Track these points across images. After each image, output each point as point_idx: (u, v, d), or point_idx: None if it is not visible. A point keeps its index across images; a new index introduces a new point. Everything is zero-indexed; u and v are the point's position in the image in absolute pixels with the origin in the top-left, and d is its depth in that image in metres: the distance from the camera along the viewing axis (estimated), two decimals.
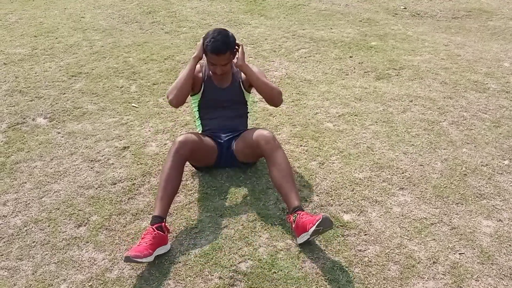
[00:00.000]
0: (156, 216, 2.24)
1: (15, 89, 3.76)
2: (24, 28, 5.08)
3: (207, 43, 2.48)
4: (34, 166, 2.85)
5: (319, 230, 2.13)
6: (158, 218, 2.23)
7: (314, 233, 2.13)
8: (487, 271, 2.14)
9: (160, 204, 2.27)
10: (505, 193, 2.63)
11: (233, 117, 2.72)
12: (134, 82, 3.85)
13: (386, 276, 2.10)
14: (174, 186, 2.35)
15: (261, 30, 4.98)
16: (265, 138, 2.43)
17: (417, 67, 4.16)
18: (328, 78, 3.95)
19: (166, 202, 2.29)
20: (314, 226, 2.09)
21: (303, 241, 2.19)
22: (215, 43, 2.46)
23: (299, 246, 2.24)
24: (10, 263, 2.19)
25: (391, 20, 5.42)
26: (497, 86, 3.85)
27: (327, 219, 2.10)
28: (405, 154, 2.95)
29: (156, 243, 2.14)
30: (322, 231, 2.16)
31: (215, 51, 2.47)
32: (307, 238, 2.17)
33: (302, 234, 2.17)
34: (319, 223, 2.08)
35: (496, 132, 3.21)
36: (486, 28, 5.22)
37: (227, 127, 2.70)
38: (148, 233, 2.17)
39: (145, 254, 2.06)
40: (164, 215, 2.26)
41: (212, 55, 2.50)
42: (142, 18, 5.38)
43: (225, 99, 2.69)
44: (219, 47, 2.47)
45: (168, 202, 2.31)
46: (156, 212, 2.26)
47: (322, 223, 2.09)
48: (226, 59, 2.52)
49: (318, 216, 2.11)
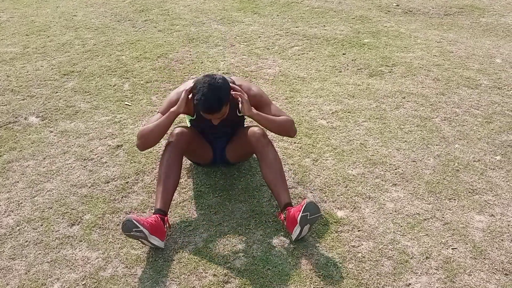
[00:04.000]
0: (158, 209, 2.24)
1: (7, 88, 3.73)
2: (15, 27, 5.04)
3: (197, 101, 2.21)
4: (27, 165, 2.83)
5: (307, 217, 2.12)
6: (161, 211, 2.23)
7: (303, 221, 2.13)
8: (480, 265, 2.16)
9: (161, 198, 2.26)
10: (497, 188, 2.65)
11: (228, 132, 2.61)
12: (127, 81, 3.84)
13: (380, 271, 2.12)
14: (174, 180, 2.34)
15: (254, 28, 4.98)
16: (255, 135, 2.40)
17: (410, 64, 4.17)
18: (321, 75, 3.96)
19: (167, 196, 2.29)
20: (301, 213, 2.11)
21: (296, 235, 2.19)
22: (206, 102, 2.18)
23: (293, 243, 2.24)
24: (3, 262, 2.18)
25: (383, 17, 5.43)
26: (489, 82, 3.87)
27: (311, 204, 2.13)
28: (398, 151, 2.96)
29: (154, 230, 2.13)
30: (311, 219, 2.14)
31: (208, 111, 2.23)
32: (299, 231, 2.17)
33: (294, 228, 2.18)
34: (304, 208, 2.11)
35: (488, 128, 3.23)
36: (478, 24, 5.25)
37: (220, 136, 2.62)
38: (151, 217, 2.17)
39: (145, 226, 2.07)
40: (166, 209, 2.26)
41: (204, 114, 2.26)
42: (134, 16, 5.36)
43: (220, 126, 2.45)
44: (211, 107, 2.20)
45: (170, 195, 2.30)
46: (158, 205, 2.25)
47: (307, 207, 2.11)
48: (221, 114, 2.27)
49: (303, 202, 2.14)
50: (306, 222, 2.15)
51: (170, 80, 3.83)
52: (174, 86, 3.70)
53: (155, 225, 2.15)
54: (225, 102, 2.24)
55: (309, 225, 2.19)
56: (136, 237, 2.11)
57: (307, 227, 2.19)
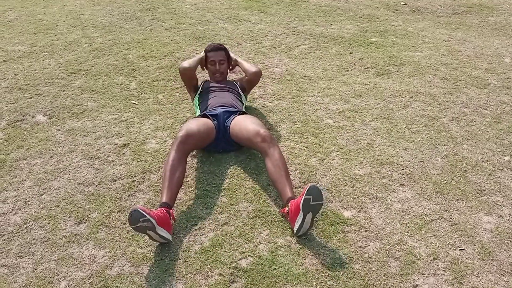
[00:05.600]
0: (164, 203, 2.26)
1: (15, 86, 3.75)
2: (23, 25, 5.06)
3: (207, 48, 3.23)
4: (34, 164, 2.84)
5: (310, 201, 2.10)
6: (166, 205, 2.25)
7: (305, 206, 2.11)
8: (488, 267, 2.14)
9: (166, 192, 2.30)
10: (506, 189, 2.62)
11: (229, 97, 3.02)
12: (133, 79, 3.85)
13: (387, 272, 2.10)
14: (179, 177, 2.39)
15: (261, 27, 4.97)
16: (261, 136, 2.51)
17: (418, 63, 4.14)
18: (328, 74, 3.94)
19: (172, 190, 2.32)
20: (304, 196, 2.10)
21: (298, 225, 2.16)
22: (213, 43, 3.27)
23: (299, 243, 2.23)
24: (10, 260, 2.19)
25: (391, 16, 5.40)
26: (498, 82, 3.83)
27: (314, 187, 2.11)
28: (405, 150, 2.94)
29: (162, 222, 2.14)
30: (314, 206, 2.12)
31: (214, 49, 3.20)
32: (302, 220, 2.14)
33: (297, 217, 2.16)
34: (307, 192, 2.10)
35: (497, 128, 3.20)
36: (487, 23, 5.20)
37: (223, 102, 2.94)
38: (158, 210, 2.19)
39: (152, 216, 2.08)
40: (172, 203, 2.29)
41: (211, 52, 3.19)
42: (141, 14, 5.37)
43: (222, 85, 3.12)
44: (216, 45, 3.24)
45: (175, 191, 2.33)
46: (163, 199, 2.28)
47: (310, 191, 2.10)
48: (222, 56, 3.19)
49: (306, 186, 2.14)
50: (309, 208, 2.12)
51: (176, 79, 3.83)
52: (181, 85, 3.71)
53: (162, 217, 2.16)
54: (226, 50, 3.23)
55: (311, 215, 2.15)
56: (143, 229, 2.09)
57: (310, 216, 2.15)
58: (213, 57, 3.17)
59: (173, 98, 3.56)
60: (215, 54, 3.17)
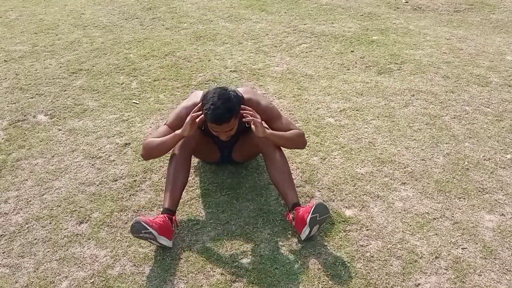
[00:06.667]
0: (166, 209, 2.24)
1: (16, 86, 3.75)
2: (24, 25, 5.07)
3: (206, 110, 2.10)
4: (35, 163, 2.84)
5: (316, 218, 2.12)
6: (169, 211, 2.24)
7: (312, 222, 2.13)
8: (490, 265, 2.13)
9: (169, 197, 2.27)
10: (508, 187, 2.61)
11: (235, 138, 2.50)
12: (135, 79, 3.84)
13: (388, 271, 2.10)
14: (183, 180, 2.34)
15: (262, 25, 4.96)
16: (260, 141, 2.36)
17: (419, 61, 4.13)
18: (329, 73, 3.93)
19: (175, 195, 2.29)
20: (310, 215, 2.11)
21: (305, 236, 2.18)
22: (215, 111, 2.08)
23: (301, 242, 2.23)
24: (12, 260, 2.19)
25: (392, 14, 5.39)
26: (500, 79, 3.82)
27: (321, 205, 2.13)
28: (407, 149, 2.94)
29: (163, 231, 2.14)
30: (320, 220, 2.15)
31: (217, 122, 2.12)
32: (308, 231, 2.16)
33: (303, 228, 2.17)
34: (313, 210, 2.11)
35: (499, 126, 3.19)
36: (488, 21, 5.18)
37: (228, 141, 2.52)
38: (159, 218, 2.17)
39: (154, 228, 2.08)
40: (174, 208, 2.27)
41: (213, 124, 2.16)
42: (142, 14, 5.37)
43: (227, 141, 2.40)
44: (221, 116, 2.09)
45: (178, 195, 2.30)
46: (166, 204, 2.26)
47: (316, 209, 2.11)
48: (230, 126, 2.17)
49: (312, 203, 2.14)
50: (316, 223, 2.15)
51: (177, 78, 3.83)
52: (182, 84, 3.70)
53: (164, 225, 2.15)
54: (235, 114, 2.14)
55: (318, 225, 2.19)
56: (145, 238, 2.13)
57: (316, 227, 2.19)
58: (215, 128, 2.20)
59: (174, 97, 3.55)
60: (219, 127, 2.17)
